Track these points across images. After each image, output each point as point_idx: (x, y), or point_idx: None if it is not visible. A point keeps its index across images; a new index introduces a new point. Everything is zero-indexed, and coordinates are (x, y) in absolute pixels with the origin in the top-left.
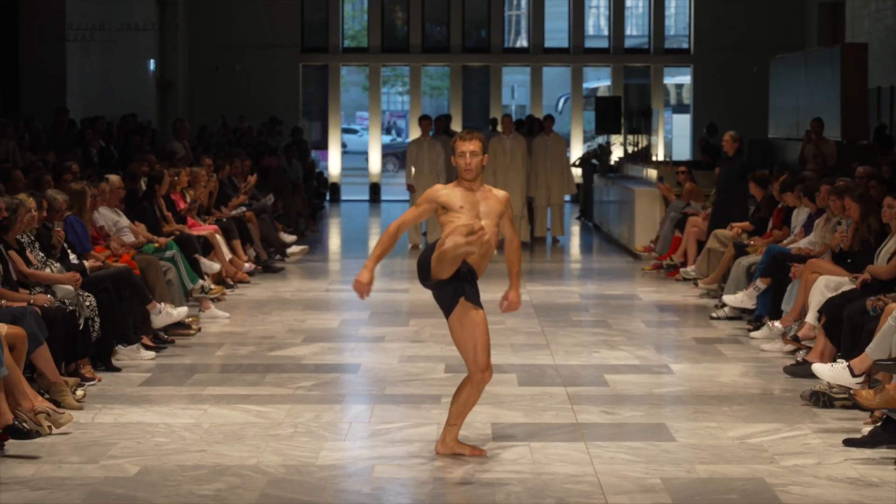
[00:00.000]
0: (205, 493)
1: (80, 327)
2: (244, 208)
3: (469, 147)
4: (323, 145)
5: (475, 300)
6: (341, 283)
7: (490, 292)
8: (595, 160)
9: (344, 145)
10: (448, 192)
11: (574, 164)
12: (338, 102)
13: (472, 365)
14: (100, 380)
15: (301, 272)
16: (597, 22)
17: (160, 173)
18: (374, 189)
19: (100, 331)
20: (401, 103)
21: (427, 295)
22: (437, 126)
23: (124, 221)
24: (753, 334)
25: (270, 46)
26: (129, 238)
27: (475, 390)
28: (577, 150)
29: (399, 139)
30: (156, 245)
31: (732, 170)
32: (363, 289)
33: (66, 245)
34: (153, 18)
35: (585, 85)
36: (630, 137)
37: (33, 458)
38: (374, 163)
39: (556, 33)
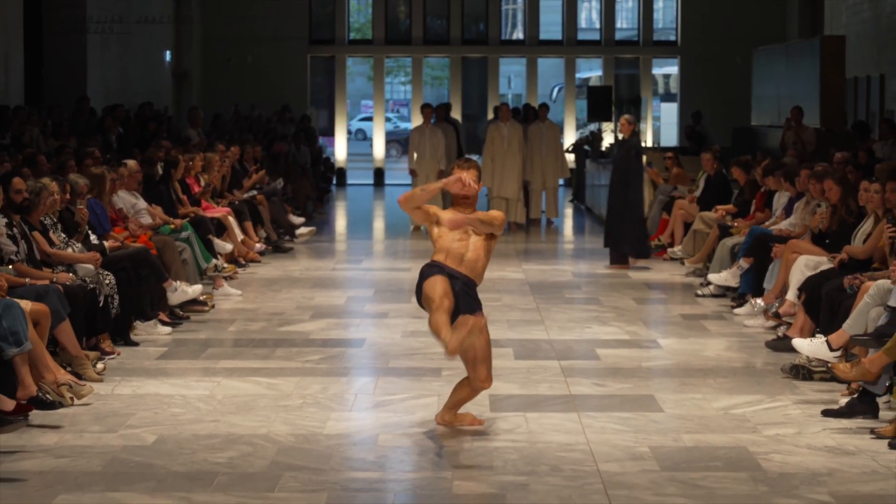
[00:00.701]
0: (218, 460)
1: (101, 304)
2: (255, 192)
3: (470, 176)
4: (330, 132)
5: (470, 310)
6: (347, 263)
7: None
8: (587, 146)
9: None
10: (446, 213)
11: (567, 150)
12: (344, 92)
13: (472, 374)
14: (119, 354)
15: (309, 252)
16: (589, 15)
17: (176, 158)
18: (378, 174)
19: (119, 307)
20: (403, 92)
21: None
22: (437, 114)
23: (142, 204)
24: (737, 311)
25: (280, 39)
26: (147, 220)
27: (473, 393)
28: (570, 137)
29: (401, 126)
30: (172, 226)
31: (629, 150)
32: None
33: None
34: (169, 12)
35: (578, 75)
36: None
37: (56, 427)
38: (378, 149)
39: (551, 26)
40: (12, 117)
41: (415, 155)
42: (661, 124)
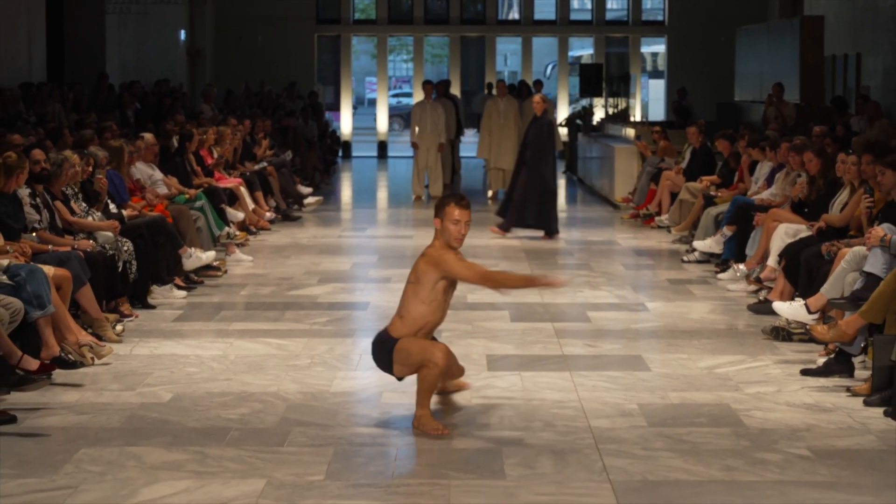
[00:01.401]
0: (231, 416)
1: (119, 269)
2: (265, 163)
3: (467, 217)
4: (336, 107)
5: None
6: (352, 231)
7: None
8: (579, 120)
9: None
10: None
11: (560, 125)
12: (349, 69)
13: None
14: (137, 316)
15: (316, 220)
16: None
17: (190, 132)
18: (382, 146)
19: (136, 272)
20: (405, 69)
21: (428, 240)
22: (438, 90)
23: (158, 175)
24: (720, 276)
25: (288, 18)
26: (163, 190)
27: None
28: (563, 112)
29: (403, 101)
30: (186, 196)
31: (542, 127)
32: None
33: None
34: None
35: (570, 53)
36: (610, 100)
37: (78, 385)
38: (382, 123)
39: (545, 7)
40: (36, 94)
41: (416, 129)
42: (649, 100)
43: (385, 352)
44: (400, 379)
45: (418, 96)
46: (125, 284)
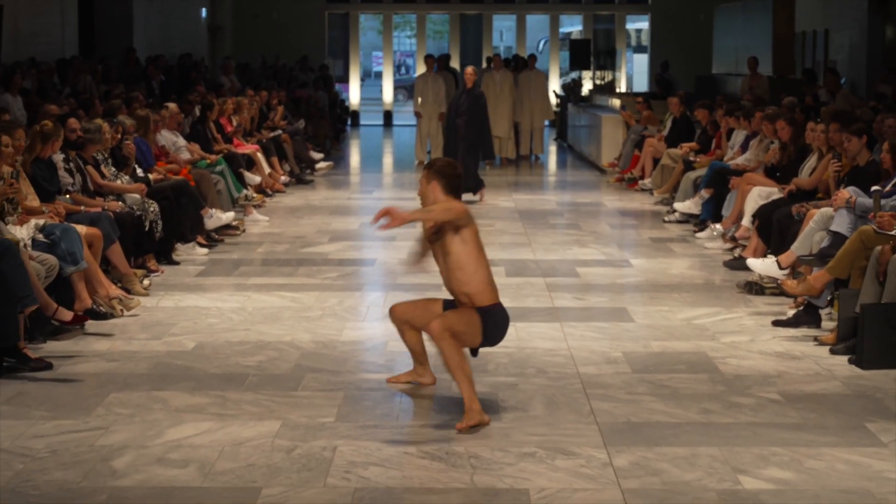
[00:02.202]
0: (249, 363)
1: (146, 229)
2: (280, 131)
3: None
4: (345, 79)
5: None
6: (360, 193)
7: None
8: (555, 90)
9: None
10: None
11: (556, 94)
12: (357, 44)
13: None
14: (162, 272)
15: (327, 184)
16: None
17: (211, 102)
18: (387, 116)
19: (162, 231)
20: (409, 45)
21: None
22: (439, 63)
23: (181, 142)
24: (699, 235)
25: None
26: (186, 155)
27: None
28: (554, 84)
29: (407, 75)
30: (208, 161)
31: (478, 98)
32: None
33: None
34: None
35: (561, 30)
36: (598, 73)
37: (108, 335)
38: (388, 94)
39: None
40: (68, 67)
41: (419, 99)
42: (634, 73)
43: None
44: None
45: (420, 69)
46: (151, 242)
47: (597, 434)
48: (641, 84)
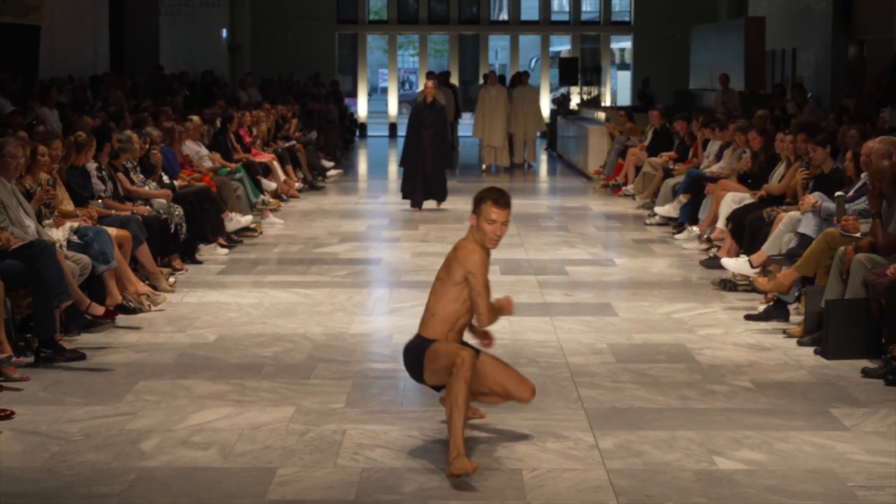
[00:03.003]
0: (265, 354)
1: (172, 231)
2: (294, 141)
3: (505, 216)
4: (353, 94)
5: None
6: (367, 198)
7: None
8: (557, 106)
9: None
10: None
11: (553, 102)
12: (364, 62)
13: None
14: (186, 270)
15: (337, 189)
16: (560, 1)
17: (231, 115)
18: (392, 128)
19: (186, 233)
20: (412, 62)
21: (433, 206)
22: (439, 80)
23: (204, 151)
24: (677, 236)
25: (314, 18)
26: (208, 164)
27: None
28: (545, 98)
29: (411, 90)
30: (228, 169)
31: (440, 111)
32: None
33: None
34: None
35: (551, 49)
36: (585, 88)
37: (137, 328)
38: (392, 107)
39: (530, 9)
40: (100, 82)
41: None
42: (618, 88)
43: (416, 356)
44: (435, 388)
45: (422, 85)
46: (176, 243)
47: (584, 419)
48: (625, 98)
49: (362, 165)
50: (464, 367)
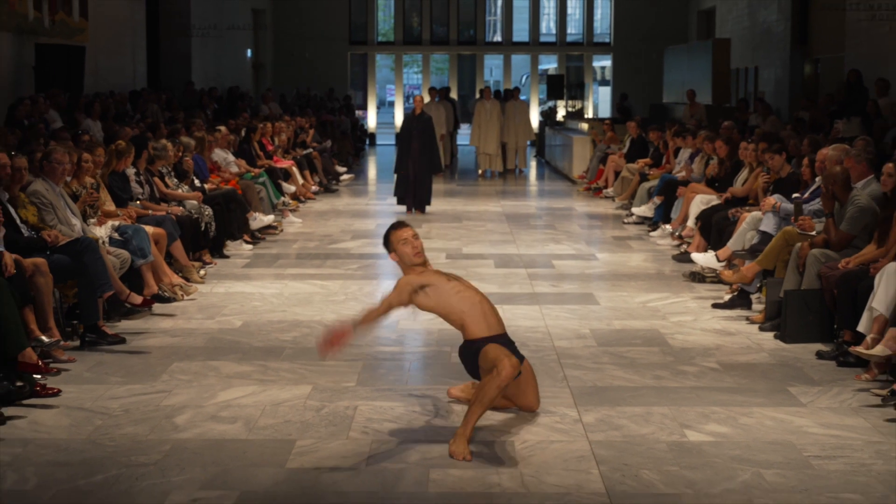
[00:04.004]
0: (286, 338)
1: (202, 229)
2: (311, 149)
3: (410, 233)
4: (364, 107)
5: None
6: (376, 200)
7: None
8: (545, 118)
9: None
10: (421, 275)
11: (541, 114)
12: (374, 78)
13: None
14: (215, 264)
15: (349, 192)
16: (548, 24)
17: (254, 126)
18: (398, 137)
19: (215, 231)
20: (416, 79)
21: (438, 206)
22: (440, 94)
23: (231, 158)
24: (652, 234)
25: (328, 39)
26: (234, 169)
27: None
28: (534, 111)
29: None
30: (252, 174)
31: (427, 123)
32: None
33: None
34: (250, 21)
35: (540, 67)
36: (570, 102)
37: (171, 315)
38: (398, 119)
39: (521, 31)
40: (138, 97)
41: None
42: (599, 102)
43: (470, 355)
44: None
45: (426, 99)
46: (206, 240)
47: (569, 396)
48: (605, 111)
49: (371, 171)
50: (503, 376)
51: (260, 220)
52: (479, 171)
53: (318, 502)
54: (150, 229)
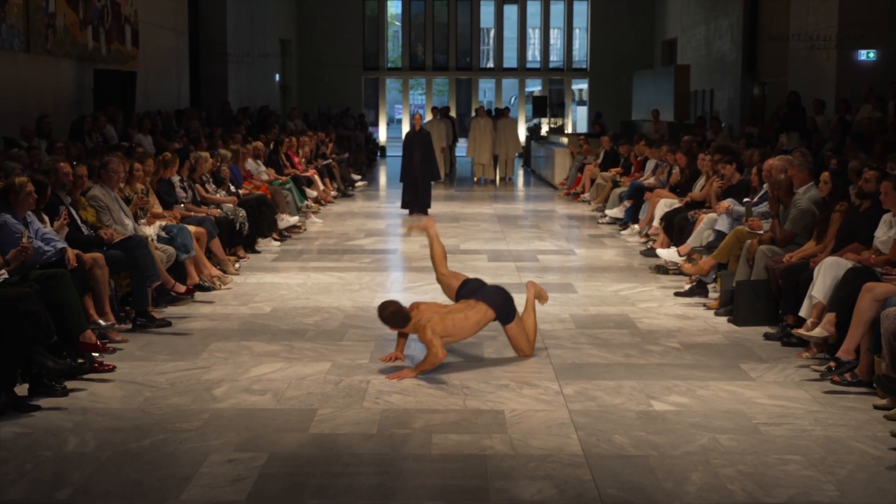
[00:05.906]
0: (308, 322)
1: (237, 228)
2: (330, 160)
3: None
4: (376, 124)
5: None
6: (387, 203)
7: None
8: (531, 133)
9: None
10: (430, 310)
11: (529, 129)
12: (384, 99)
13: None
14: (248, 258)
15: (364, 196)
16: (533, 52)
17: (282, 140)
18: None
19: (248, 230)
20: (420, 99)
21: (440, 209)
22: (441, 113)
23: (262, 167)
24: (622, 233)
25: (345, 66)
26: (264, 177)
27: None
28: (522, 127)
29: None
30: (280, 181)
31: (426, 138)
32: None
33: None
34: (277, 50)
35: (527, 89)
36: (552, 119)
37: (210, 302)
38: (405, 134)
39: (510, 59)
40: (182, 115)
41: None
42: (577, 119)
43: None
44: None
45: (429, 117)
46: (240, 237)
47: (552, 371)
48: (582, 127)
49: (382, 178)
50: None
51: (287, 220)
52: (475, 179)
53: (337, 462)
54: (192, 228)
